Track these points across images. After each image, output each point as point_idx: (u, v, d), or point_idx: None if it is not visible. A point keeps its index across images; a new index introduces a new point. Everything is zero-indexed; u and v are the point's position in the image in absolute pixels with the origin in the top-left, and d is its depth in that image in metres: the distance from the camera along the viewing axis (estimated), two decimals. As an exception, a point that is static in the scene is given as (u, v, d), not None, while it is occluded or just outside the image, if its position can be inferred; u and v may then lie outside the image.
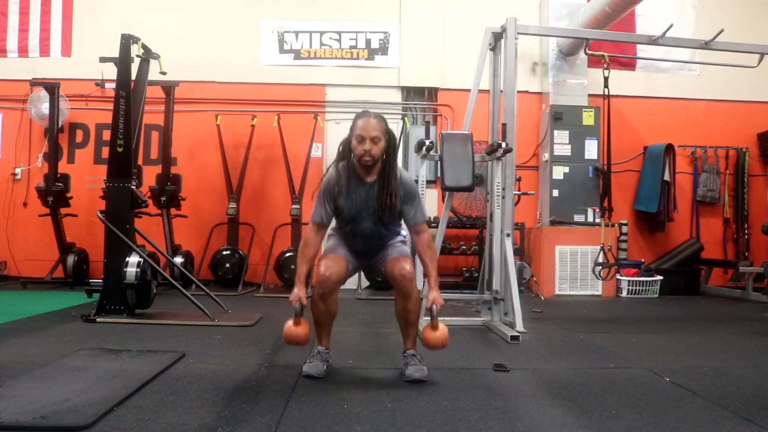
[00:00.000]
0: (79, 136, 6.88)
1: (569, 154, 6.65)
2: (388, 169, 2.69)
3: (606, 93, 4.94)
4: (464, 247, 6.49)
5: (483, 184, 5.48)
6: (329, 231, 2.89)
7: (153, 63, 4.95)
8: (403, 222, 2.86)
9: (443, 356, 3.17)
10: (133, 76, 4.61)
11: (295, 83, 6.90)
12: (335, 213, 2.77)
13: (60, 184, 6.02)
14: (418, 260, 4.48)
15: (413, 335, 2.81)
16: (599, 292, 6.41)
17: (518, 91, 4.66)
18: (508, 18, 4.45)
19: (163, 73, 5.03)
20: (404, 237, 2.91)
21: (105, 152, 5.73)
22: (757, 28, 6.94)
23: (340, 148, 2.78)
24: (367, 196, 2.71)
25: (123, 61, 4.38)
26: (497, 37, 4.56)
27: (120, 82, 4.33)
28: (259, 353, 3.17)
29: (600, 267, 5.20)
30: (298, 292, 2.62)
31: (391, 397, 2.40)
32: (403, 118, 6.73)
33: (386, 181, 2.68)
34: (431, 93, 7.05)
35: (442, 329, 2.64)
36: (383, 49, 7.01)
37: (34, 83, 6.42)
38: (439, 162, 4.24)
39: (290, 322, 2.62)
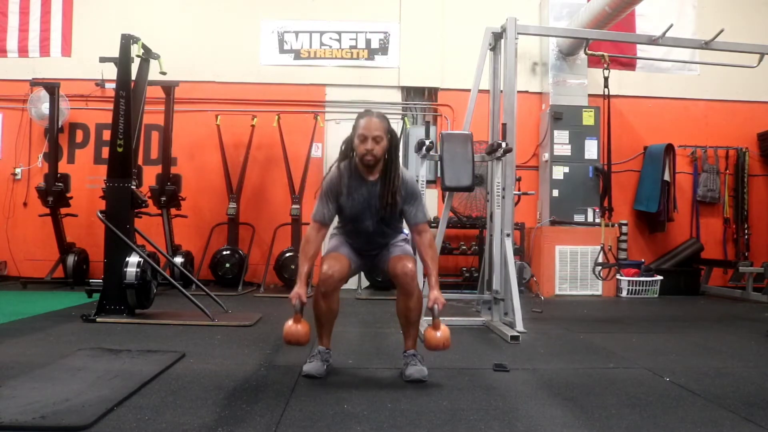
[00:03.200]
0: (79, 136, 6.88)
1: (569, 154, 6.65)
2: (390, 168, 2.70)
3: (606, 93, 4.94)
4: (464, 247, 6.49)
5: (483, 184, 5.49)
6: (331, 230, 2.90)
7: (153, 63, 4.96)
8: (405, 222, 2.87)
9: (443, 356, 3.17)
10: (133, 76, 4.61)
11: (295, 83, 6.90)
12: (337, 212, 2.78)
13: (60, 184, 6.01)
14: (419, 258, 4.49)
15: (414, 335, 2.81)
16: (599, 292, 6.41)
17: (518, 91, 4.65)
18: (508, 18, 4.45)
19: (163, 73, 5.03)
20: (406, 235, 2.92)
21: (105, 152, 5.73)
22: (757, 28, 6.95)
23: (343, 147, 2.78)
24: (369, 194, 2.72)
25: (123, 61, 4.38)
26: (497, 37, 4.56)
27: (120, 82, 4.33)
28: (259, 353, 3.17)
29: (600, 267, 5.20)
30: (299, 290, 2.62)
31: (391, 397, 2.40)
32: (403, 118, 6.73)
33: (388, 180, 2.69)
34: (431, 93, 7.05)
35: (444, 330, 2.63)
36: (383, 49, 7.01)
37: (34, 83, 6.42)
38: (439, 162, 4.24)
39: (290, 322, 2.61)
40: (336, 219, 2.86)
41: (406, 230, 2.94)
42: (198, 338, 3.53)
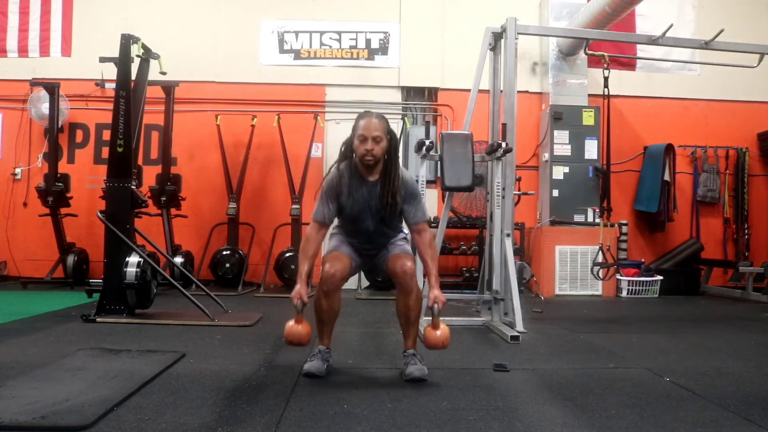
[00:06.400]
0: (79, 136, 6.88)
1: (569, 154, 6.65)
2: (390, 169, 2.71)
3: (606, 93, 4.94)
4: (464, 247, 6.49)
5: (483, 184, 5.48)
6: (332, 230, 2.92)
7: (153, 63, 4.95)
8: (404, 221, 2.88)
9: (443, 356, 3.17)
10: (133, 76, 4.61)
11: (295, 83, 6.90)
12: (337, 212, 2.79)
13: (60, 184, 6.01)
14: (419, 258, 4.50)
15: (414, 334, 2.81)
16: (599, 292, 6.41)
17: (518, 91, 4.65)
18: (508, 18, 4.45)
19: (163, 73, 5.03)
20: (405, 234, 2.93)
21: (105, 152, 5.73)
22: (757, 28, 6.95)
23: (342, 148, 2.80)
24: (369, 195, 2.73)
25: (123, 61, 4.38)
26: (497, 37, 4.56)
27: (120, 82, 4.33)
28: (259, 353, 3.17)
29: (599, 267, 5.19)
30: (300, 289, 2.62)
31: (391, 397, 2.40)
32: (403, 118, 6.73)
33: (388, 180, 2.70)
34: (431, 93, 7.05)
35: (444, 329, 2.64)
36: (383, 49, 7.01)
37: (34, 83, 6.41)
38: (439, 162, 4.24)
39: (291, 322, 2.62)
40: (336, 219, 2.87)
41: (405, 230, 2.95)
42: (198, 338, 3.53)
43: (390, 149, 2.71)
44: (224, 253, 6.25)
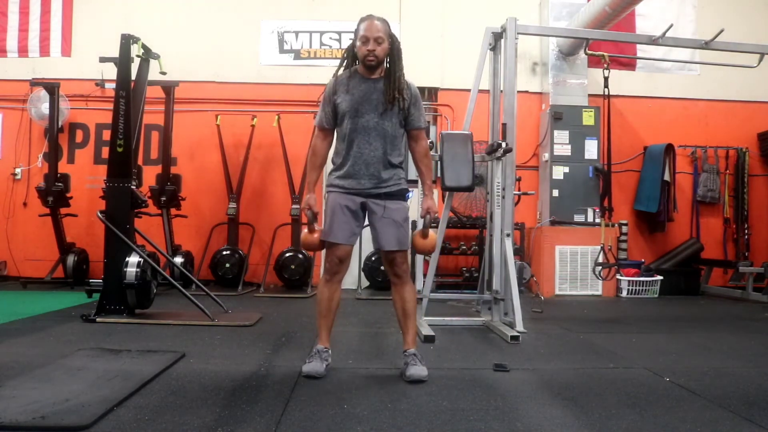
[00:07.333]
0: (79, 136, 6.88)
1: (569, 154, 6.64)
2: (394, 70, 2.74)
3: (606, 93, 4.94)
4: (464, 247, 6.49)
5: (483, 184, 5.48)
6: (326, 186, 2.90)
7: (153, 63, 4.96)
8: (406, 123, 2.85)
9: (443, 356, 3.18)
10: (133, 76, 4.61)
11: (295, 83, 6.90)
12: (334, 115, 2.79)
13: (60, 184, 6.01)
14: (418, 258, 4.51)
15: (413, 330, 2.81)
16: (599, 292, 6.40)
17: (518, 91, 4.65)
18: (508, 18, 4.45)
19: (163, 73, 5.04)
20: (407, 212, 2.86)
21: (105, 152, 5.73)
22: (757, 28, 6.95)
23: (344, 54, 2.82)
24: (370, 90, 2.73)
25: (123, 61, 4.38)
26: (497, 37, 4.56)
27: (120, 82, 4.33)
28: (259, 353, 3.17)
29: (600, 267, 5.19)
30: (309, 200, 2.79)
31: (391, 397, 2.40)
32: (403, 118, 6.72)
33: (393, 79, 2.72)
34: (431, 93, 7.04)
35: (432, 236, 2.86)
36: (383, 49, 7.00)
37: (34, 83, 6.41)
38: (439, 162, 4.24)
39: (305, 230, 2.82)
40: (331, 165, 2.84)
41: (411, 192, 2.97)
42: (198, 338, 3.53)
43: (392, 52, 2.74)
44: (224, 253, 6.25)
